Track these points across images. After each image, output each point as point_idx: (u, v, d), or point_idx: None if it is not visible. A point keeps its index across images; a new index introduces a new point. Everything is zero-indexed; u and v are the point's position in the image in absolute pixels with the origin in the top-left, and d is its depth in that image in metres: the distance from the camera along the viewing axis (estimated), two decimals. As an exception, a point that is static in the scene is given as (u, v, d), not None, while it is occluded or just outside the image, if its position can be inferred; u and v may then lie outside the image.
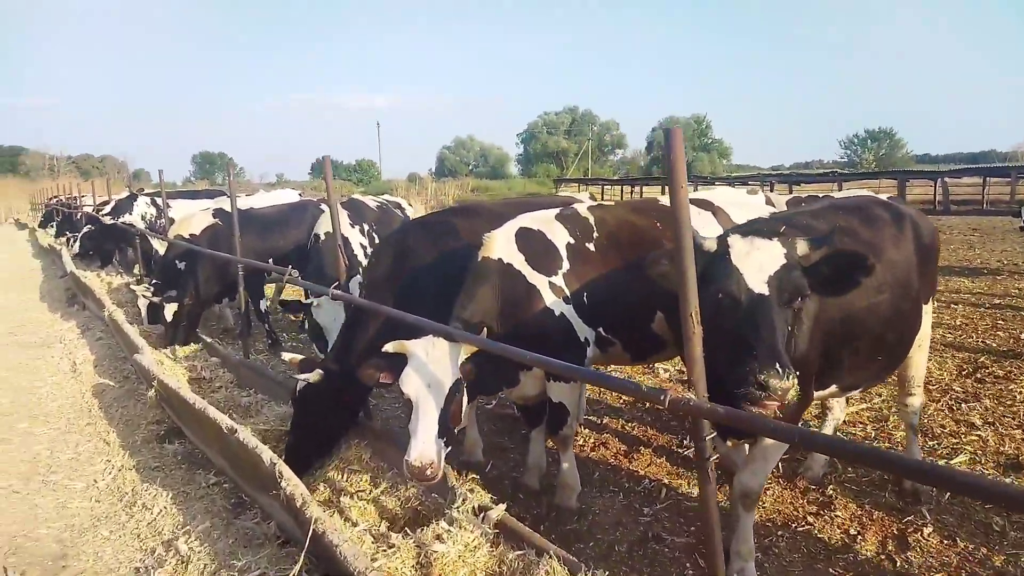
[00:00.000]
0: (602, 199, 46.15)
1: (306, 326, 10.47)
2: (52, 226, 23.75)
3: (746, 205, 5.15)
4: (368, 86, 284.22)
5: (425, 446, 3.57)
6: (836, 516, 4.62)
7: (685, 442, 5.86)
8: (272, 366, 8.14)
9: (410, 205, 9.75)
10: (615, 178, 69.68)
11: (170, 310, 9.63)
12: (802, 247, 3.19)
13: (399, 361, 3.82)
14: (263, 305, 9.38)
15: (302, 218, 10.11)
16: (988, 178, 43.24)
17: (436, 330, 3.83)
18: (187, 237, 10.30)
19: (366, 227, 7.11)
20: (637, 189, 58.68)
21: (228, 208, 10.52)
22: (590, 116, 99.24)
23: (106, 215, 12.57)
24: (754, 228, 3.44)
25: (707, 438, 2.89)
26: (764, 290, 3.04)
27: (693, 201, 4.96)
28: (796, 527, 4.52)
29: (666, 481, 5.22)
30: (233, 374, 7.51)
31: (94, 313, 11.54)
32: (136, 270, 15.37)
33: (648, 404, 6.47)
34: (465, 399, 3.88)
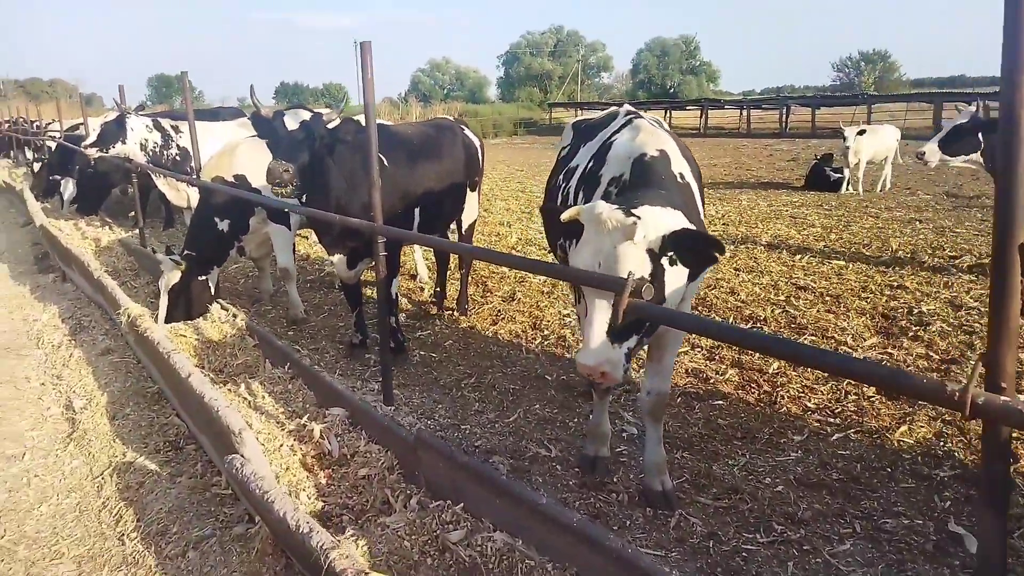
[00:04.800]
0: None
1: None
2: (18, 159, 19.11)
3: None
4: (334, 4, 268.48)
5: None
6: None
7: None
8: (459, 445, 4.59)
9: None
10: (615, 101, 65.36)
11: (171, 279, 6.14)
12: None
13: None
14: (395, 288, 5.70)
15: (454, 145, 6.32)
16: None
17: None
18: (231, 180, 6.57)
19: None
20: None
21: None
22: (576, 36, 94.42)
23: (91, 145, 8.68)
24: None
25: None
26: None
27: None
28: None
29: None
30: (388, 450, 3.95)
31: (85, 293, 7.74)
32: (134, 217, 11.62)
33: None
34: None
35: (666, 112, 52.00)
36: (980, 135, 7.23)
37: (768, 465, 4.03)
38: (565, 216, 2.80)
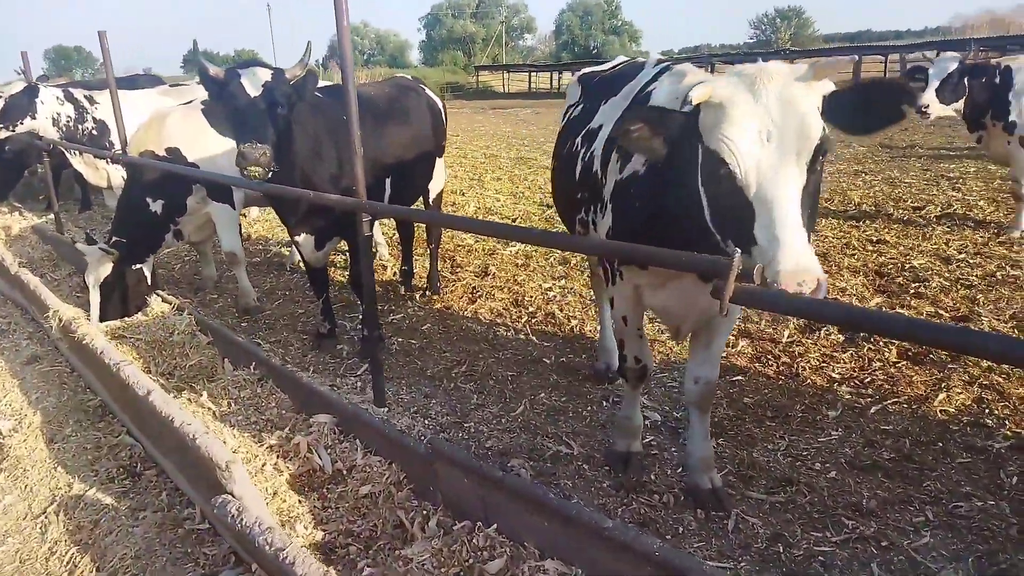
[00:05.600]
0: (529, 88, 42.68)
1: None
2: None
3: None
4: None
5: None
6: None
7: None
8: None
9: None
10: (543, 64, 64.94)
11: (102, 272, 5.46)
12: None
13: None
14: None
15: (419, 107, 5.68)
16: (941, 51, 41.83)
17: None
18: (163, 154, 5.78)
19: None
20: (567, 74, 54.51)
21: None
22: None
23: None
24: None
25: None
26: None
27: None
28: None
29: None
30: (391, 462, 3.41)
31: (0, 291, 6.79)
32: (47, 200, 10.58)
33: None
34: None
35: (594, 72, 51.67)
36: (966, 81, 7.02)
37: (812, 448, 3.67)
38: (699, 95, 2.14)
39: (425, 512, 3.14)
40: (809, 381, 4.36)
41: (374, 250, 7.59)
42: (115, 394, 3.96)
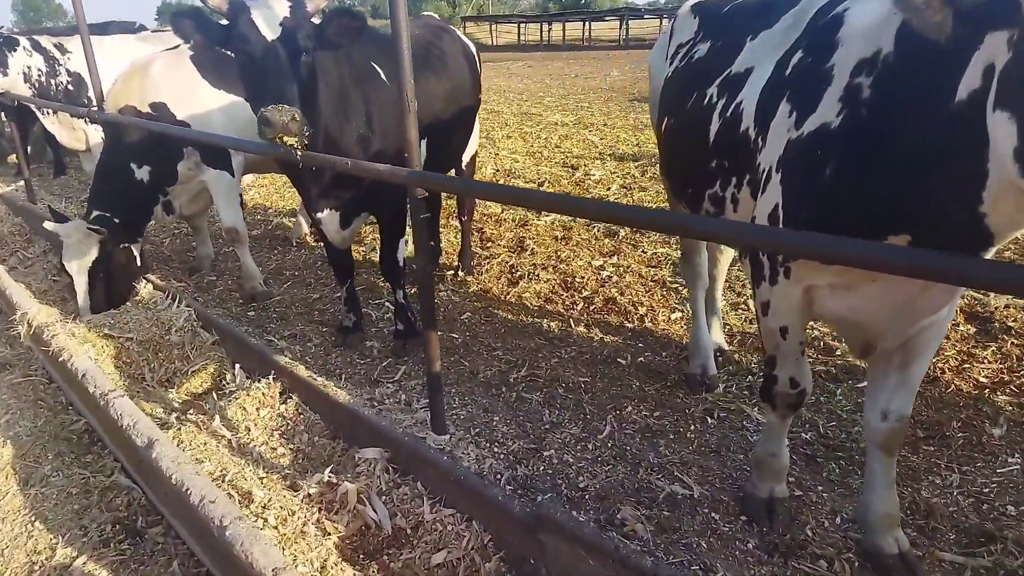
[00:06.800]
0: (518, 40, 41.39)
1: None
2: None
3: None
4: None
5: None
6: None
7: None
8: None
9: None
10: (532, 14, 62.97)
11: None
12: None
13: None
14: (402, 252, 4.29)
15: (455, 54, 4.76)
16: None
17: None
18: (147, 111, 4.85)
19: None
20: (556, 25, 52.80)
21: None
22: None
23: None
24: None
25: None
26: None
27: None
28: None
29: None
30: (469, 518, 2.63)
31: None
32: (16, 164, 9.63)
33: None
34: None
35: (585, 23, 49.96)
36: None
37: (992, 482, 2.92)
38: None
39: (527, 596, 2.36)
40: (954, 387, 3.58)
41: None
42: (105, 426, 3.12)
